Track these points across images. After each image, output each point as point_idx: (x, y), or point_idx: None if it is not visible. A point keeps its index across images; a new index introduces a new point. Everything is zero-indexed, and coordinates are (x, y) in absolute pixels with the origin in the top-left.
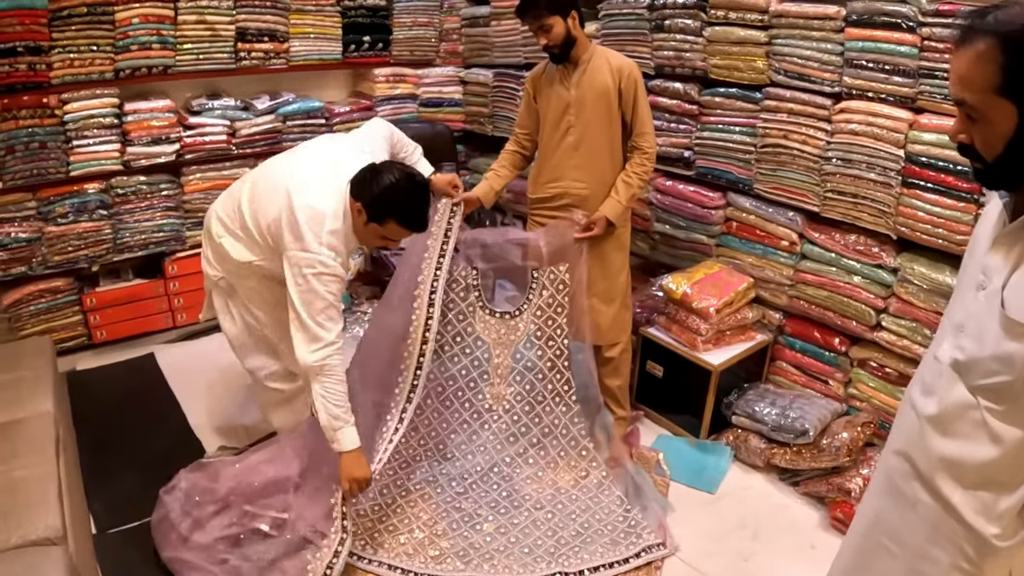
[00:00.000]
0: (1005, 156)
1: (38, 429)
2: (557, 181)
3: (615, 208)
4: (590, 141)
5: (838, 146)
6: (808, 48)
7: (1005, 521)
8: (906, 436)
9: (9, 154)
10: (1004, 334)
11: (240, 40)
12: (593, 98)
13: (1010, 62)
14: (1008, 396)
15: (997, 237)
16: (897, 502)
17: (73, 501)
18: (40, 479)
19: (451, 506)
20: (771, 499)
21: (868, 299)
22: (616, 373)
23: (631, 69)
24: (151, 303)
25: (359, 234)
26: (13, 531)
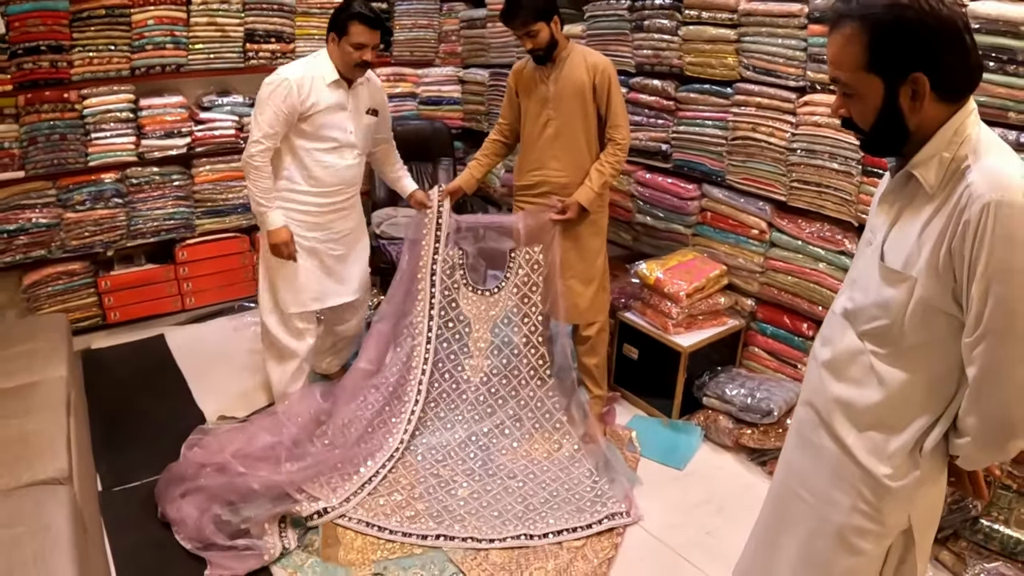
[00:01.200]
0: (877, 125)
1: (51, 391)
2: (538, 170)
3: (587, 195)
4: (568, 133)
5: (802, 137)
6: (774, 45)
7: (896, 461)
8: (810, 386)
9: (32, 145)
10: (882, 282)
11: (249, 41)
12: (570, 94)
13: (873, 41)
14: (889, 339)
15: (882, 195)
16: (805, 451)
17: (81, 456)
18: (51, 431)
19: (429, 472)
20: (739, 478)
21: (833, 285)
22: (593, 352)
23: (605, 66)
24: (162, 287)
25: (336, 60)
26: (24, 472)
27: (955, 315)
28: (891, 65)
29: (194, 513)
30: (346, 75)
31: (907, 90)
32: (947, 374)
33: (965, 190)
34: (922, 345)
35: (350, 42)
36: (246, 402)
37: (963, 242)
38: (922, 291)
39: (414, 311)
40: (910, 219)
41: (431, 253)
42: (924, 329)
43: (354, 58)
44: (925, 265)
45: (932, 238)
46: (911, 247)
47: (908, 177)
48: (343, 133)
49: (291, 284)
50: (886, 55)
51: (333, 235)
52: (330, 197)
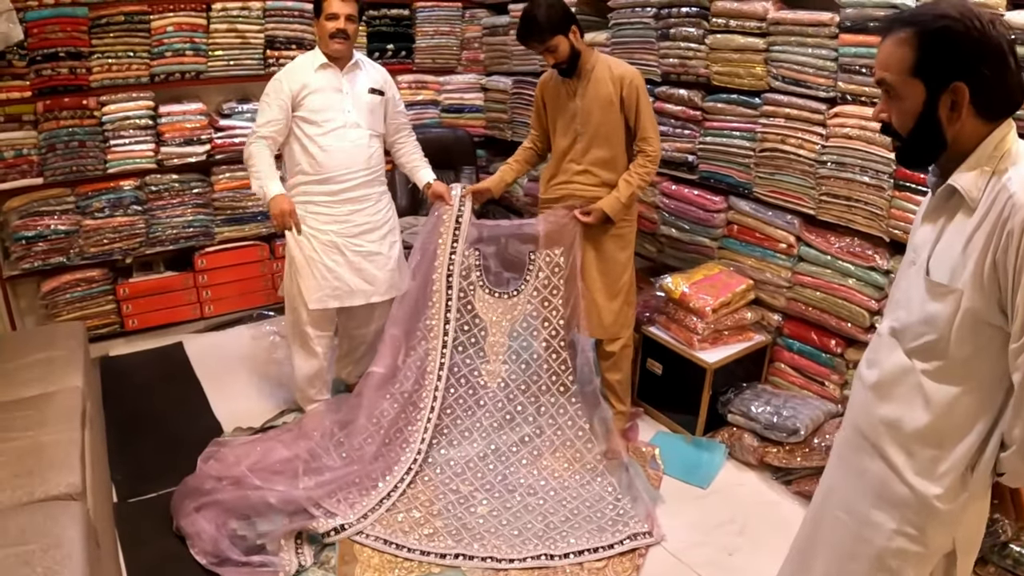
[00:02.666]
0: (915, 131)
1: (66, 401)
2: (565, 184)
3: (613, 204)
4: (596, 147)
5: (832, 150)
6: (804, 54)
7: (947, 482)
8: (856, 408)
9: (51, 152)
10: (928, 297)
11: (269, 48)
12: (597, 107)
13: (921, 46)
14: (936, 354)
15: (924, 214)
16: (847, 472)
17: (95, 468)
18: (65, 444)
19: (448, 488)
20: (762, 496)
21: (862, 301)
22: (616, 367)
23: (632, 77)
24: (181, 295)
25: (321, 39)
26: (37, 487)
27: (1001, 326)
28: (935, 71)
29: (209, 528)
30: (329, 53)
31: (947, 99)
32: (996, 387)
33: (1008, 201)
34: (970, 358)
35: (325, 15)
36: (263, 412)
37: (1007, 253)
38: (968, 303)
39: (428, 314)
40: (954, 233)
41: (447, 254)
42: (971, 342)
43: (329, 29)
44: (970, 277)
45: (977, 250)
46: (956, 260)
47: (950, 193)
48: (341, 114)
49: (312, 278)
50: (931, 60)
51: (354, 228)
52: (338, 183)
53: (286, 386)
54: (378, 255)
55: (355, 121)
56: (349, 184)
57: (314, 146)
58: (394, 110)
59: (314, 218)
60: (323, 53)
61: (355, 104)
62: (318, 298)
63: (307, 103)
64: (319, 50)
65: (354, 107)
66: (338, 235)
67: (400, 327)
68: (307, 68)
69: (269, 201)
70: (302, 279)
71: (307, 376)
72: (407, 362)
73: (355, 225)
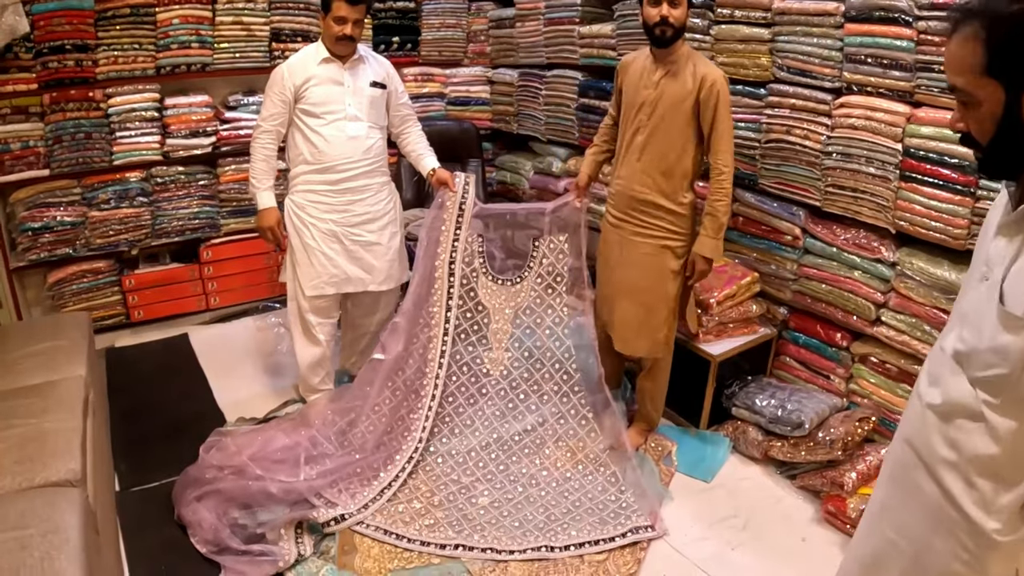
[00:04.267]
0: (997, 138)
1: (69, 390)
2: (622, 179)
3: (708, 246)
4: (655, 146)
5: (838, 141)
6: (809, 44)
7: (1005, 516)
8: (911, 425)
9: (57, 143)
10: (1000, 326)
11: (274, 40)
12: (668, 102)
13: (993, 41)
14: (1004, 388)
15: (1000, 226)
16: (901, 490)
17: (97, 456)
18: (66, 432)
19: (450, 479)
20: (766, 491)
21: (868, 294)
22: (650, 375)
23: (716, 79)
24: (186, 286)
25: (326, 36)
26: (38, 472)
27: None
28: (1012, 68)
29: (210, 516)
30: (334, 51)
31: None
32: None
33: None
34: None
35: (332, 16)
36: (266, 403)
37: None
38: None
39: (431, 301)
40: None
41: (450, 240)
42: None
43: (335, 31)
44: None
45: None
46: None
47: None
48: (341, 106)
49: (309, 266)
50: (1007, 56)
51: (353, 218)
52: (337, 173)
53: (290, 377)
54: (376, 245)
55: (355, 114)
56: (349, 174)
57: (315, 136)
58: (397, 102)
59: (314, 207)
60: (327, 48)
61: (356, 97)
62: (314, 285)
63: (309, 95)
64: (322, 43)
65: (355, 100)
66: (337, 224)
67: (404, 315)
68: (309, 61)
69: (259, 210)
70: (300, 267)
71: (309, 364)
72: (409, 350)
73: (354, 215)
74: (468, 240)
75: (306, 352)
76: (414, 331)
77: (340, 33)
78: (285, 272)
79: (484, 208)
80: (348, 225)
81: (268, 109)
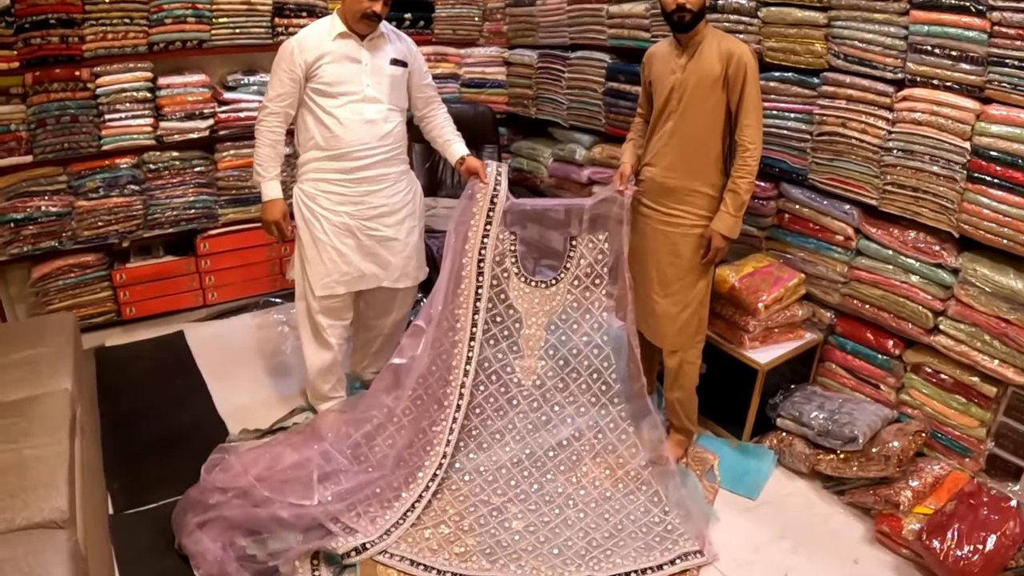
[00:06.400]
0: None
1: (54, 407)
2: (649, 166)
3: (726, 222)
4: (686, 131)
5: (899, 136)
6: (870, 31)
7: None
8: None
9: (40, 127)
10: None
11: (277, 15)
12: (695, 84)
13: None
14: None
15: None
16: None
17: (87, 481)
18: (50, 459)
19: (479, 499)
20: (813, 508)
21: (926, 300)
22: (677, 385)
23: (742, 54)
24: (182, 280)
25: (346, 12)
26: (19, 512)
27: None
28: None
29: (214, 547)
30: (355, 28)
31: None
32: None
33: None
34: None
35: None
36: (271, 410)
37: None
38: None
39: (456, 302)
40: None
41: (479, 236)
42: None
43: (363, 7)
44: None
45: None
46: None
47: None
48: (358, 86)
49: (319, 263)
50: None
51: (369, 211)
52: (353, 160)
53: (296, 381)
54: (393, 241)
55: (373, 95)
56: (365, 162)
57: (329, 118)
58: (420, 82)
59: (326, 198)
60: (344, 23)
61: (375, 76)
62: (324, 284)
63: (322, 73)
64: (337, 17)
65: (373, 80)
66: (351, 217)
67: (426, 316)
68: (323, 36)
69: (263, 202)
70: (309, 263)
71: (319, 370)
72: (431, 355)
73: (370, 207)
74: (499, 237)
75: (316, 357)
76: (437, 335)
77: (369, 10)
78: (293, 269)
79: (517, 202)
80: (363, 218)
81: (275, 88)
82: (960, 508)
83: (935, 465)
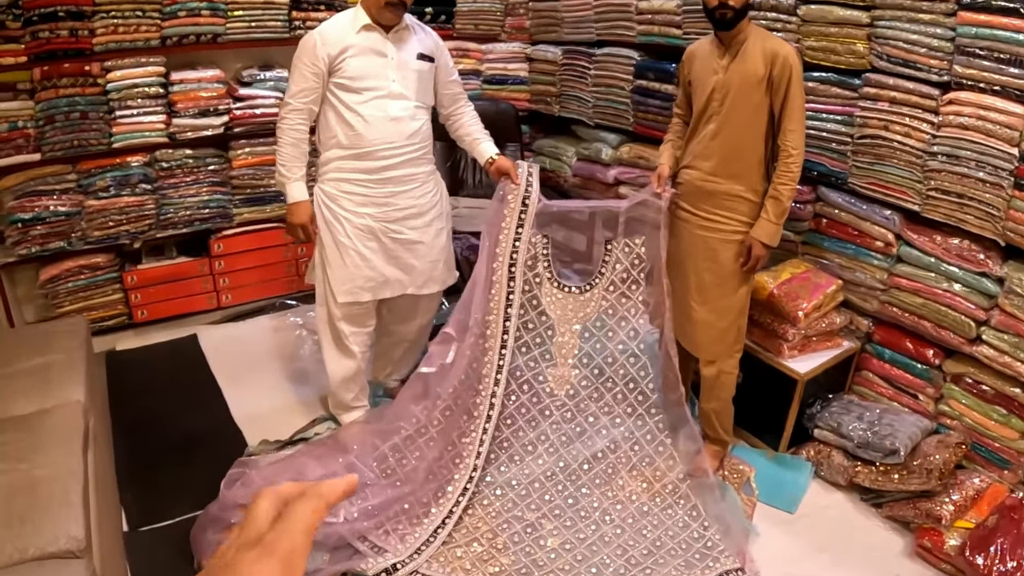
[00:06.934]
0: None
1: (65, 420)
2: (688, 168)
3: (767, 229)
4: (728, 134)
5: (944, 140)
6: (915, 32)
7: None
8: None
9: (48, 124)
10: None
11: (295, 8)
12: (739, 85)
13: None
14: None
15: None
16: None
17: (101, 499)
18: (64, 478)
19: (512, 515)
20: (852, 521)
21: (968, 309)
22: (713, 395)
23: (787, 55)
24: (195, 282)
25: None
26: (31, 539)
27: None
28: None
29: None
30: (379, 19)
31: None
32: None
33: None
34: None
35: None
36: (291, 419)
37: None
38: None
39: (487, 308)
40: None
41: (511, 240)
42: None
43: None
44: None
45: None
46: None
47: None
48: (384, 81)
49: (342, 267)
50: None
51: (395, 213)
52: (378, 160)
53: (315, 387)
54: (418, 244)
55: (400, 91)
56: (391, 161)
57: (353, 116)
58: (446, 78)
59: (348, 199)
60: (368, 15)
61: (401, 71)
62: (347, 290)
63: (346, 68)
64: (361, 9)
65: (399, 75)
66: (376, 220)
67: (455, 323)
68: (347, 28)
69: (288, 204)
70: (331, 268)
71: (342, 379)
72: (461, 364)
73: (396, 209)
74: (531, 241)
75: (338, 365)
76: (467, 342)
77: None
78: (313, 272)
79: (550, 204)
80: (388, 221)
81: (297, 84)
82: (1002, 522)
83: (975, 478)
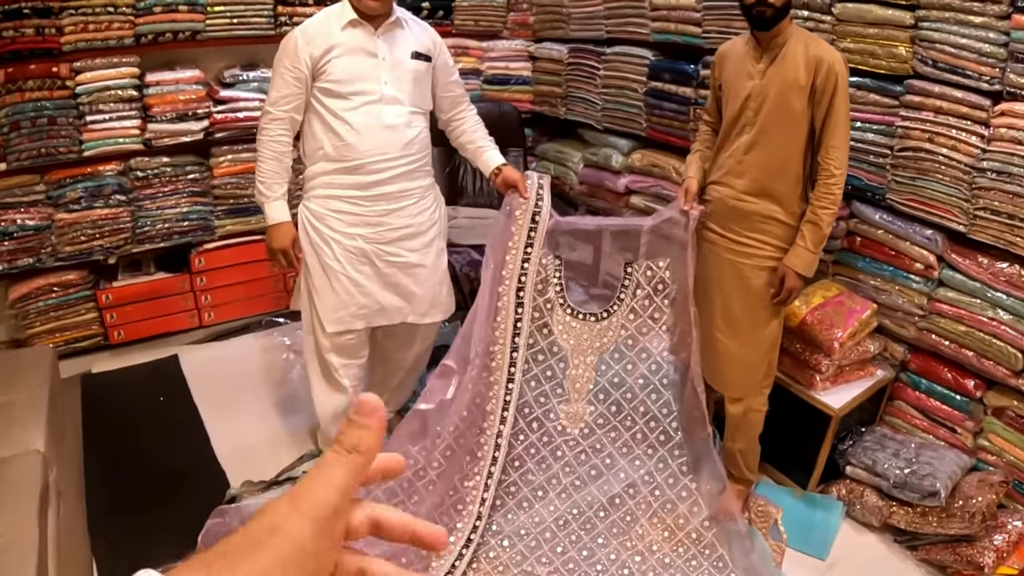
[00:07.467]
0: None
1: (22, 475)
2: (719, 185)
3: (804, 258)
4: (764, 146)
5: (995, 156)
6: (964, 36)
7: None
8: None
9: (14, 131)
10: None
11: (280, 3)
12: (778, 92)
13: None
14: None
15: None
16: None
17: (66, 560)
18: (16, 547)
19: (521, 570)
20: (887, 565)
21: (1015, 339)
22: (740, 434)
23: (833, 62)
24: (175, 300)
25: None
26: None
27: None
28: None
29: None
30: (364, 10)
31: None
32: None
33: None
34: None
35: None
36: (277, 453)
37: None
38: None
39: (492, 337)
40: None
41: (519, 261)
42: None
43: None
44: None
45: None
46: None
47: None
48: (375, 84)
49: (331, 293)
50: None
51: (389, 233)
52: (370, 174)
53: (304, 416)
54: (419, 267)
55: (393, 95)
56: (384, 176)
57: (340, 124)
58: (446, 79)
59: (337, 218)
60: (353, 7)
61: (394, 73)
62: (337, 319)
63: (331, 70)
64: (347, 2)
65: (392, 77)
66: (368, 241)
67: (456, 354)
68: (331, 26)
69: (268, 226)
70: (318, 294)
71: (332, 414)
72: (463, 399)
73: (391, 229)
74: (541, 261)
75: (327, 400)
76: (470, 375)
77: None
78: (299, 297)
79: (562, 221)
80: (382, 242)
81: (278, 89)
82: None
83: (1017, 520)
